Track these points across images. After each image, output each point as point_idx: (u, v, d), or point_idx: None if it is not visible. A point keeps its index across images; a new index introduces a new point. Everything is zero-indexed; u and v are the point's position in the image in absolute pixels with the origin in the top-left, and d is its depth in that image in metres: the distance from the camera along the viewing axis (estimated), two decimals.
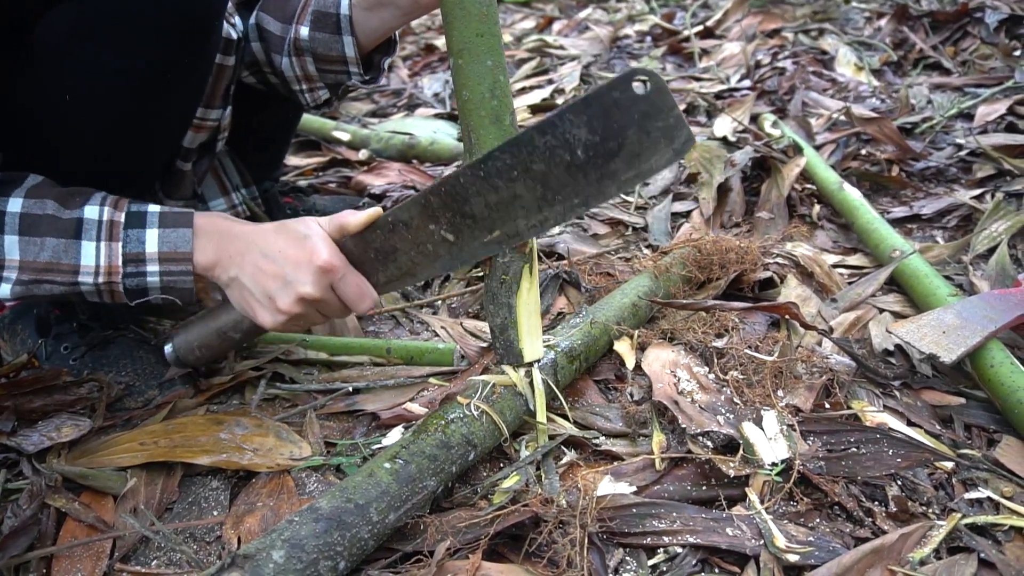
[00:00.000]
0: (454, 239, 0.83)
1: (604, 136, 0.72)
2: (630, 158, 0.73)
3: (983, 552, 0.76)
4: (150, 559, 0.82)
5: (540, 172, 0.76)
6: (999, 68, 2.07)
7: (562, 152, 0.74)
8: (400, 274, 0.89)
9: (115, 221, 0.86)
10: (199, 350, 0.98)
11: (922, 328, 1.02)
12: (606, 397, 1.03)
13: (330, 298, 0.87)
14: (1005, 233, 1.35)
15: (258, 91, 1.24)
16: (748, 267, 1.23)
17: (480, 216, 0.81)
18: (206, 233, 0.88)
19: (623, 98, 0.70)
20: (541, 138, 0.74)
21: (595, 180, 0.75)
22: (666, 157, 0.73)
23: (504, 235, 0.82)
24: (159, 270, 0.86)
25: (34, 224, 0.83)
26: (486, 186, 0.79)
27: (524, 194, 0.78)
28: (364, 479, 0.76)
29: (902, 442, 0.88)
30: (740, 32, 2.65)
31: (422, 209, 0.83)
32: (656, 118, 0.70)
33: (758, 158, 1.62)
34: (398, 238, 0.86)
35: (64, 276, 0.84)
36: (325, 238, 0.86)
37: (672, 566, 0.77)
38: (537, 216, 0.79)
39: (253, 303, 0.88)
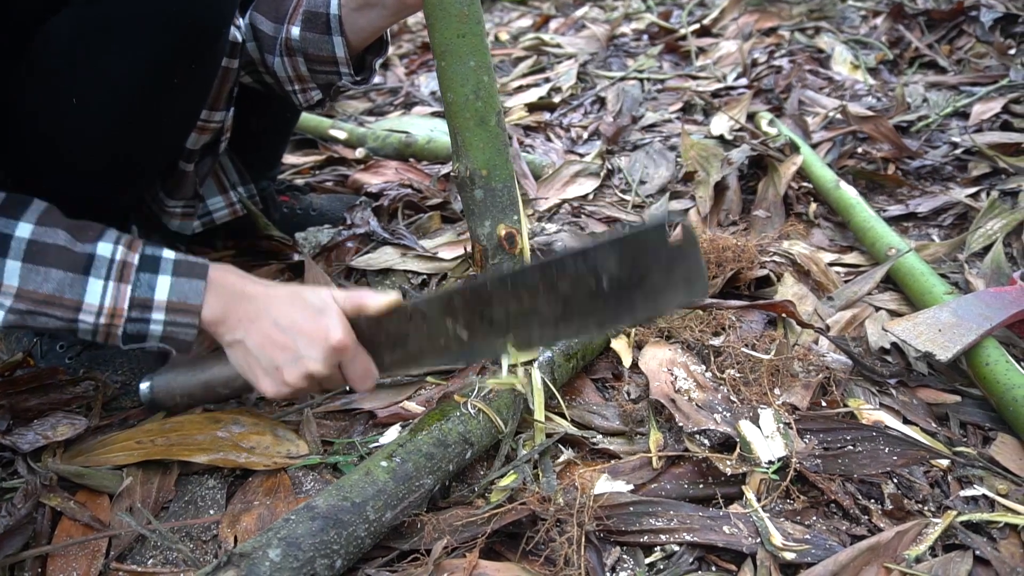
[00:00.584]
0: (467, 338, 0.85)
1: (631, 272, 0.78)
2: (649, 295, 0.79)
3: (978, 549, 0.76)
4: (146, 558, 0.82)
5: (564, 293, 0.80)
6: (994, 66, 2.07)
7: (589, 279, 0.79)
8: (406, 359, 0.90)
9: (128, 262, 0.83)
10: (180, 397, 0.95)
11: (918, 326, 1.03)
12: (603, 395, 1.03)
13: (335, 375, 0.87)
14: (1000, 231, 1.35)
15: (256, 91, 1.23)
16: (745, 265, 1.23)
17: (498, 321, 0.84)
18: (216, 289, 0.85)
19: (656, 242, 0.76)
20: (572, 264, 0.79)
21: (613, 308, 0.80)
22: (681, 300, 0.79)
23: (516, 341, 0.85)
24: (164, 319, 0.84)
25: (41, 253, 0.79)
26: (511, 297, 0.82)
27: (544, 310, 0.82)
28: (361, 477, 0.76)
29: (898, 440, 0.89)
30: (737, 30, 2.66)
31: (443, 305, 0.84)
32: (681, 265, 0.77)
33: (755, 156, 1.62)
34: (413, 327, 0.87)
35: (64, 312, 0.81)
36: (340, 316, 0.84)
37: (669, 564, 0.77)
38: (552, 330, 0.83)
39: (257, 371, 0.86)
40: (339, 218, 1.54)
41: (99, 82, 0.87)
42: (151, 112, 0.93)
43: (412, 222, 1.55)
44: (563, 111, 2.21)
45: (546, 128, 2.10)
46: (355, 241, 1.47)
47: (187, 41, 0.88)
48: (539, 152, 1.91)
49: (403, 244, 1.44)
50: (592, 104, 2.26)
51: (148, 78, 0.88)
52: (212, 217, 1.28)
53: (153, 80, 0.89)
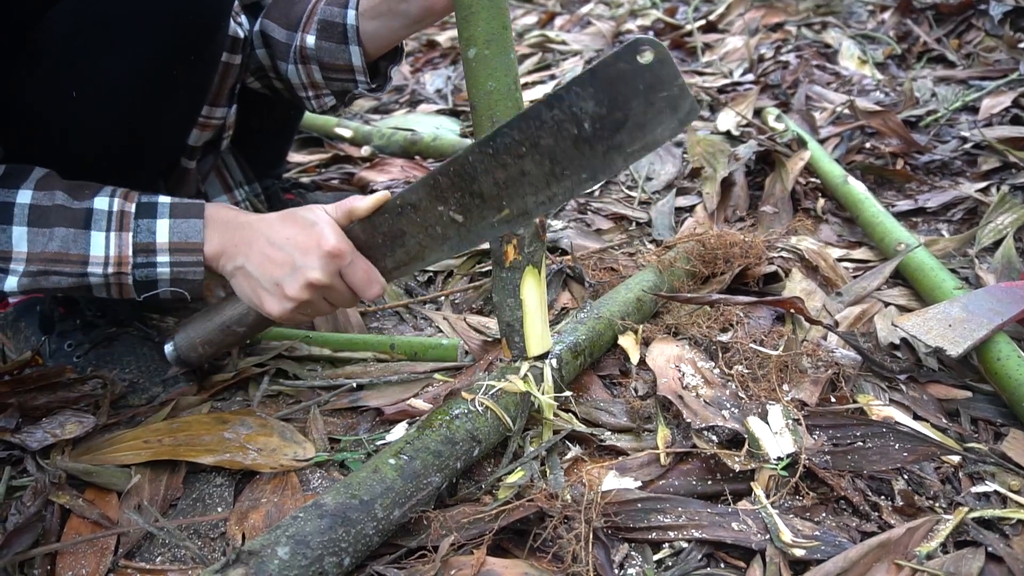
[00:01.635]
0: (463, 219, 0.83)
1: (610, 108, 0.73)
2: (636, 129, 0.74)
3: (990, 546, 0.76)
4: (154, 555, 0.82)
5: (548, 147, 0.76)
6: (1004, 60, 2.05)
7: (569, 125, 0.75)
8: (408, 259, 0.88)
9: (125, 211, 0.85)
10: (202, 347, 0.97)
11: (928, 322, 1.02)
12: (611, 392, 1.03)
13: (338, 284, 0.87)
14: (1011, 226, 1.34)
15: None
16: (752, 261, 1.23)
17: (489, 195, 0.81)
18: (213, 223, 0.87)
19: (628, 69, 0.71)
20: (548, 112, 0.74)
21: (602, 153, 0.76)
22: (671, 127, 0.73)
23: (513, 213, 0.81)
24: (169, 260, 0.86)
25: (43, 215, 0.82)
26: (494, 163, 0.79)
27: (532, 170, 0.78)
28: (369, 475, 0.76)
29: (908, 436, 0.88)
30: (743, 26, 2.64)
31: (430, 190, 0.82)
32: (661, 88, 0.71)
33: (762, 152, 1.62)
34: (406, 221, 0.85)
35: (73, 267, 0.83)
36: (332, 224, 0.85)
37: (677, 561, 0.77)
38: (546, 192, 0.79)
39: (260, 291, 0.87)
40: None
41: (98, 77, 0.87)
42: (151, 107, 0.93)
43: None
44: None
45: None
46: None
47: (185, 36, 0.88)
48: None
49: None
50: None
51: (147, 73, 0.88)
52: None
53: (152, 75, 0.89)
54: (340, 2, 1.04)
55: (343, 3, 1.03)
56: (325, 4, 1.05)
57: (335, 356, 1.14)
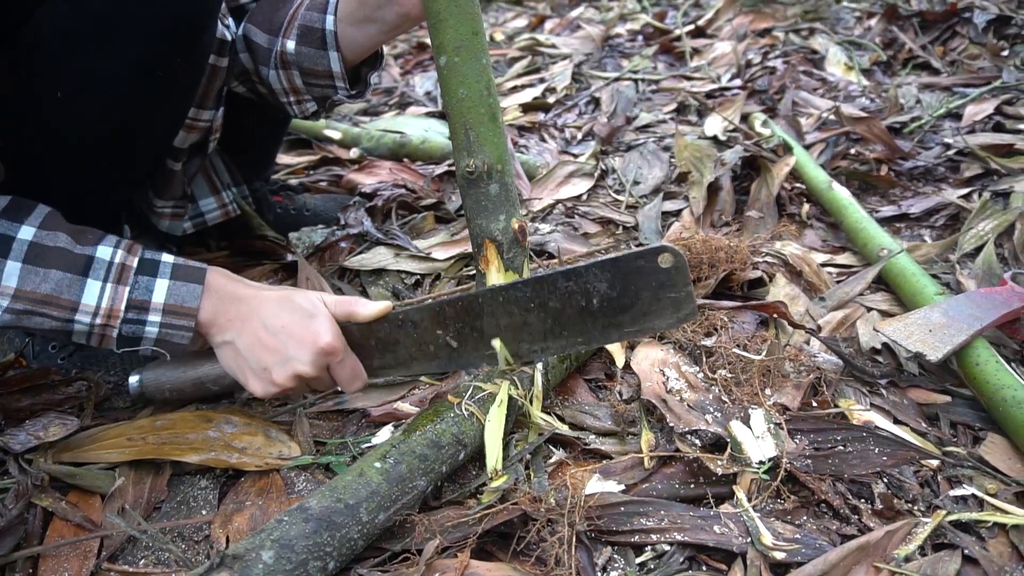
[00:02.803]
0: (456, 346, 0.88)
1: (621, 293, 0.81)
2: (638, 316, 0.82)
3: (967, 549, 0.77)
4: (138, 558, 0.82)
5: (554, 309, 0.83)
6: (987, 68, 2.08)
7: (579, 298, 0.82)
8: (396, 364, 0.91)
9: (127, 265, 0.84)
10: (168, 392, 0.96)
11: (909, 327, 1.03)
12: (596, 396, 1.04)
13: (324, 377, 0.88)
14: (992, 232, 1.36)
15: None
16: (737, 266, 1.24)
17: (488, 333, 0.86)
18: (210, 292, 0.87)
19: (647, 267, 0.79)
20: (564, 282, 0.82)
21: (602, 326, 0.83)
22: (668, 322, 0.82)
23: (506, 352, 0.87)
24: (160, 321, 0.85)
25: (42, 254, 0.81)
26: (501, 310, 0.85)
27: (535, 323, 0.84)
28: (354, 479, 0.76)
29: (888, 440, 0.89)
30: (731, 31, 2.66)
31: (434, 315, 0.87)
32: (671, 290, 0.79)
33: (748, 157, 1.63)
34: (403, 334, 0.89)
35: (61, 312, 0.82)
36: (330, 320, 0.86)
37: (660, 564, 0.77)
38: (540, 343, 0.86)
39: (246, 371, 0.87)
40: (333, 218, 1.54)
41: (86, 76, 0.87)
42: (139, 107, 0.93)
43: (406, 222, 1.56)
44: (557, 111, 2.22)
45: (540, 128, 2.10)
46: (349, 241, 1.47)
47: (173, 35, 0.88)
48: (533, 152, 1.91)
49: (397, 244, 1.44)
50: (587, 104, 2.26)
51: (135, 72, 0.88)
52: (204, 218, 1.28)
53: (140, 74, 0.89)
54: (319, 7, 1.03)
55: (322, 8, 1.03)
56: (305, 9, 1.04)
57: None
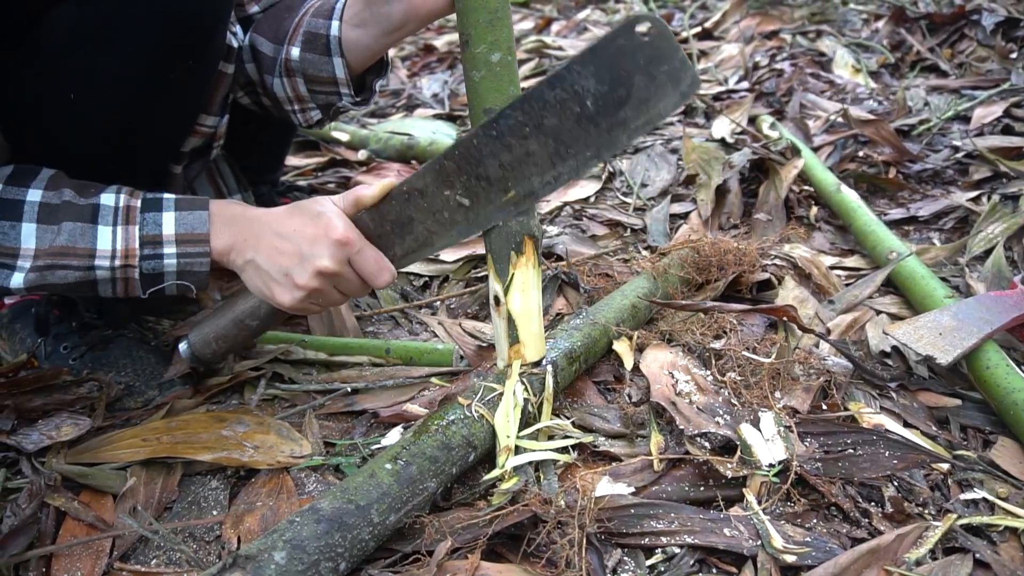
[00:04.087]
0: (470, 203, 0.83)
1: (612, 84, 0.73)
2: (639, 104, 0.74)
3: (978, 553, 0.77)
4: (149, 558, 0.82)
5: (552, 126, 0.77)
6: (996, 70, 2.08)
7: (572, 104, 0.75)
8: (417, 245, 0.89)
9: (131, 206, 0.87)
10: (216, 343, 0.97)
11: (919, 330, 1.03)
12: (605, 398, 1.04)
13: (348, 272, 0.88)
14: (1001, 235, 1.35)
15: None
16: (746, 269, 1.24)
17: (495, 177, 0.81)
18: (221, 218, 0.89)
19: (627, 45, 0.71)
20: (551, 92, 0.75)
21: (606, 130, 0.76)
22: (673, 100, 0.74)
23: (519, 195, 0.82)
24: (176, 251, 0.87)
25: (52, 212, 0.84)
26: (499, 146, 0.79)
27: (537, 150, 0.78)
28: (365, 480, 0.77)
29: (898, 443, 0.89)
30: (738, 34, 2.66)
31: (436, 175, 0.83)
32: (661, 62, 0.72)
33: (756, 160, 1.63)
34: (413, 207, 0.86)
35: (80, 260, 0.84)
36: (339, 213, 0.87)
37: (670, 566, 0.77)
38: (551, 172, 0.80)
39: (271, 283, 0.88)
40: None
41: (95, 79, 0.87)
42: (148, 110, 0.94)
43: None
44: None
45: None
46: None
47: (182, 40, 0.89)
48: None
49: None
50: None
51: (145, 76, 0.89)
52: None
53: (150, 78, 0.90)
54: (325, 14, 1.03)
55: (328, 14, 1.02)
56: (311, 16, 1.04)
57: (331, 360, 1.15)
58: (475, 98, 0.87)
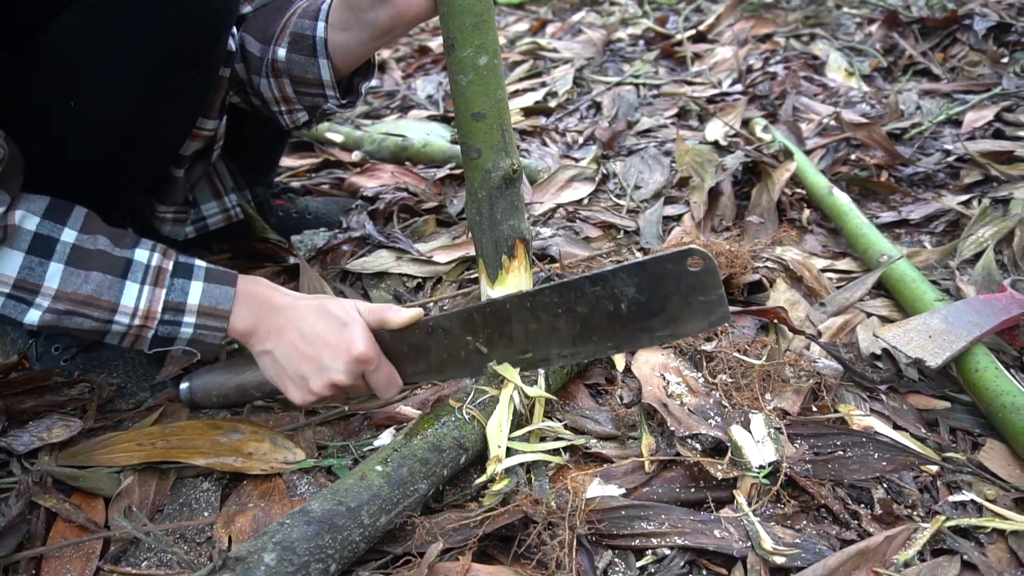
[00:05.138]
0: (487, 352, 0.88)
1: (650, 298, 0.80)
2: (668, 320, 0.81)
3: (966, 554, 0.77)
4: (140, 560, 0.82)
5: (583, 314, 0.82)
6: (987, 75, 2.09)
7: (607, 303, 0.81)
8: (428, 370, 0.93)
9: (163, 268, 0.88)
10: (216, 397, 0.99)
11: (909, 332, 1.04)
12: (596, 400, 1.04)
13: (359, 384, 0.90)
14: (991, 239, 1.36)
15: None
16: (738, 271, 1.24)
17: (517, 339, 0.86)
18: (246, 300, 0.90)
19: (675, 270, 0.78)
20: (591, 287, 0.81)
21: (632, 331, 0.82)
22: (700, 326, 0.80)
23: (535, 358, 0.87)
24: (195, 322, 0.88)
25: (83, 257, 0.84)
26: (530, 316, 0.84)
27: (563, 329, 0.84)
28: (356, 482, 0.77)
29: (888, 446, 0.89)
30: (732, 36, 2.67)
31: (464, 322, 0.87)
32: (700, 293, 0.78)
33: (749, 162, 1.63)
34: (434, 340, 0.90)
35: (100, 312, 0.84)
36: (364, 328, 0.88)
37: (660, 568, 0.78)
38: (570, 349, 0.86)
39: (285, 380, 0.90)
40: (335, 221, 1.55)
41: (98, 86, 0.87)
42: (150, 115, 0.93)
43: (407, 225, 1.56)
44: (559, 116, 2.22)
45: (542, 132, 2.11)
46: (351, 244, 1.47)
47: (185, 46, 0.89)
48: (535, 156, 1.92)
49: (398, 247, 1.44)
50: (588, 109, 2.27)
51: (148, 81, 0.89)
52: (206, 223, 1.28)
53: (153, 84, 0.90)
54: (311, 15, 1.02)
55: (314, 15, 1.02)
56: (297, 17, 1.04)
57: None
58: (462, 102, 0.87)
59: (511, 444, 0.87)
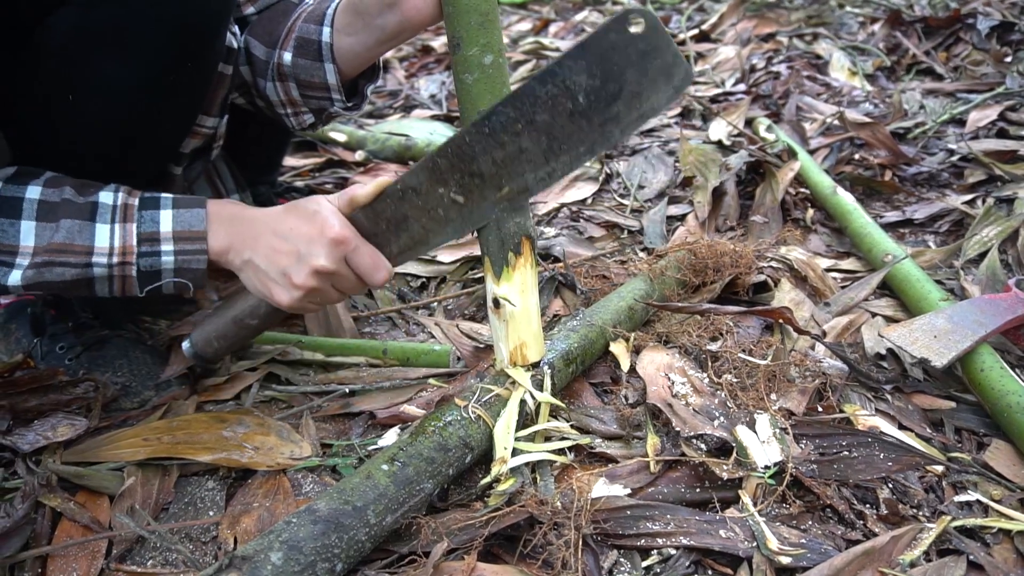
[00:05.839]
0: (464, 200, 0.84)
1: (604, 79, 0.73)
2: (631, 99, 0.73)
3: (972, 555, 0.77)
4: (146, 559, 0.82)
5: (544, 122, 0.76)
6: (990, 74, 2.09)
7: (564, 100, 0.74)
8: (413, 243, 0.89)
9: (129, 204, 0.88)
10: (217, 341, 0.98)
11: (914, 332, 1.03)
12: (601, 400, 1.04)
13: (344, 271, 0.88)
14: (996, 238, 1.36)
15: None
16: (742, 271, 1.24)
17: (488, 174, 0.81)
18: (219, 217, 0.89)
19: (619, 39, 0.70)
20: (542, 88, 0.74)
21: (598, 125, 0.75)
22: (666, 95, 0.73)
23: (513, 191, 0.82)
24: (173, 249, 0.88)
25: (51, 209, 0.84)
26: (492, 143, 0.79)
27: (530, 147, 0.78)
28: (362, 481, 0.77)
29: (893, 446, 0.89)
30: (735, 36, 2.67)
31: (430, 173, 0.83)
32: (654, 56, 0.71)
33: (753, 162, 1.63)
34: (408, 205, 0.86)
35: (77, 257, 0.85)
36: (335, 212, 0.87)
37: (666, 568, 0.78)
38: (544, 168, 0.80)
39: (269, 283, 0.89)
40: None
41: (96, 83, 0.87)
42: (148, 112, 0.94)
43: None
44: None
45: None
46: None
47: (184, 42, 0.89)
48: None
49: None
50: None
51: (146, 78, 0.89)
52: None
53: (150, 80, 0.90)
54: (317, 19, 1.03)
55: (319, 20, 1.02)
56: (303, 21, 1.04)
57: (327, 361, 1.15)
58: (468, 101, 0.87)
59: (516, 444, 0.88)
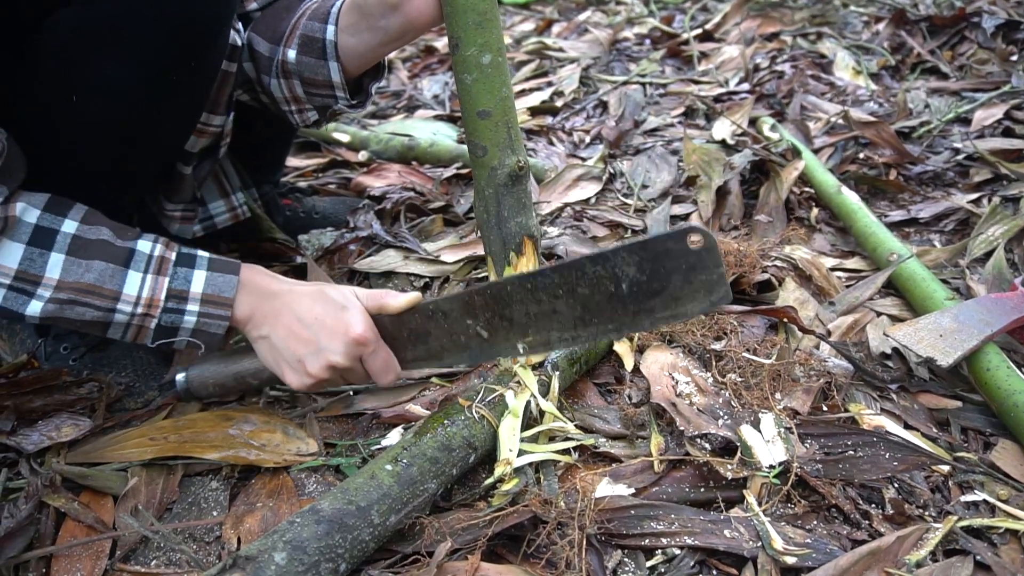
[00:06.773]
0: (488, 336, 0.87)
1: (651, 277, 0.78)
2: (669, 300, 0.78)
3: (979, 555, 0.77)
4: (150, 559, 0.82)
5: (583, 295, 0.81)
6: (996, 72, 2.08)
7: (607, 283, 0.79)
8: (427, 356, 0.92)
9: (166, 257, 0.88)
10: (212, 387, 0.99)
11: (919, 332, 1.03)
12: (605, 399, 1.04)
13: (357, 368, 0.90)
14: (1002, 237, 1.35)
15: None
16: (747, 270, 1.24)
17: (518, 321, 0.85)
18: (247, 288, 0.90)
19: (676, 249, 0.76)
20: (592, 267, 0.79)
21: (632, 312, 0.80)
22: (702, 306, 0.78)
23: (536, 341, 0.85)
24: (199, 311, 0.88)
25: (85, 247, 0.84)
26: (530, 297, 0.83)
27: (564, 311, 0.82)
28: (366, 481, 0.77)
29: (899, 445, 0.89)
30: (739, 35, 2.66)
31: (464, 305, 0.86)
32: (701, 271, 0.76)
33: (757, 161, 1.63)
34: (434, 325, 0.89)
35: (103, 301, 0.84)
36: (362, 311, 0.88)
37: (670, 568, 0.77)
38: (571, 332, 0.84)
39: (282, 364, 0.90)
40: (342, 221, 1.55)
41: (97, 83, 0.87)
42: (151, 112, 0.93)
43: (414, 225, 1.56)
44: (565, 115, 2.22)
45: (548, 132, 2.11)
46: (358, 244, 1.47)
47: (185, 42, 0.89)
48: (542, 156, 1.92)
49: (405, 247, 1.44)
50: (594, 108, 2.26)
51: (148, 78, 0.89)
52: (213, 221, 1.29)
53: (153, 80, 0.89)
54: (321, 17, 1.02)
55: (324, 18, 1.02)
56: (307, 19, 1.04)
57: None
58: (468, 101, 0.87)
59: (521, 445, 0.87)
